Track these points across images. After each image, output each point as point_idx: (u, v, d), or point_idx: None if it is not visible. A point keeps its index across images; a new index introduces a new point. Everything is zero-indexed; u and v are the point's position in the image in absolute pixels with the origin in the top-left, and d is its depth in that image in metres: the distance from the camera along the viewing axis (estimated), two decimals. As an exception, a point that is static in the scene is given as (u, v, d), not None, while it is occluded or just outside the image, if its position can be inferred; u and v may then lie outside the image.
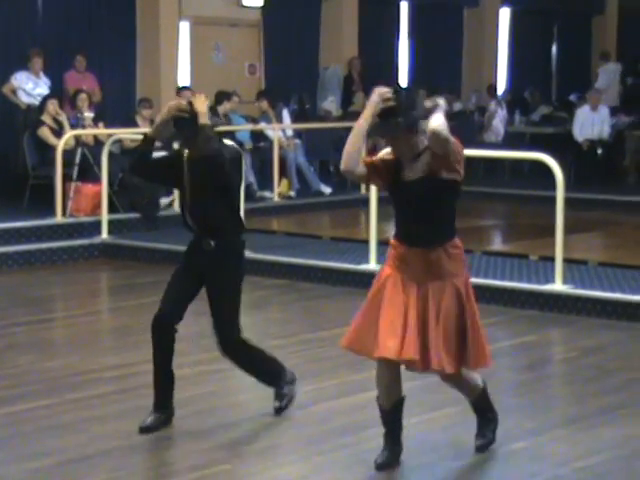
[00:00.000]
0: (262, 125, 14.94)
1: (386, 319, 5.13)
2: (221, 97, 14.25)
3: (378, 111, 5.02)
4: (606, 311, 8.58)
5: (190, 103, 5.79)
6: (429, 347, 5.10)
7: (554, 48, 21.95)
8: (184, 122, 5.74)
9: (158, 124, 5.81)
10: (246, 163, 12.90)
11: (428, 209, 5.15)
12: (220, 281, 5.95)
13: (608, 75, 19.57)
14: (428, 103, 5.05)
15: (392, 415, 5.35)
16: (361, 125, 5.05)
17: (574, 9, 21.81)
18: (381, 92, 5.03)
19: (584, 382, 6.86)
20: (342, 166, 5.15)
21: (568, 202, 9.07)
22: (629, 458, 5.43)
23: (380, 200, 10.19)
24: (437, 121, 4.92)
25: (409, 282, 5.17)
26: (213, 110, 13.94)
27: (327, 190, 14.83)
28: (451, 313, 5.11)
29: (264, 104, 15.10)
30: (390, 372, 5.28)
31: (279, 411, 6.12)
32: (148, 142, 5.85)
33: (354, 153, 5.10)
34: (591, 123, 16.25)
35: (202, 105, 5.76)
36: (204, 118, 5.70)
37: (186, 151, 5.84)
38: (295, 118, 15.94)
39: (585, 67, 22.04)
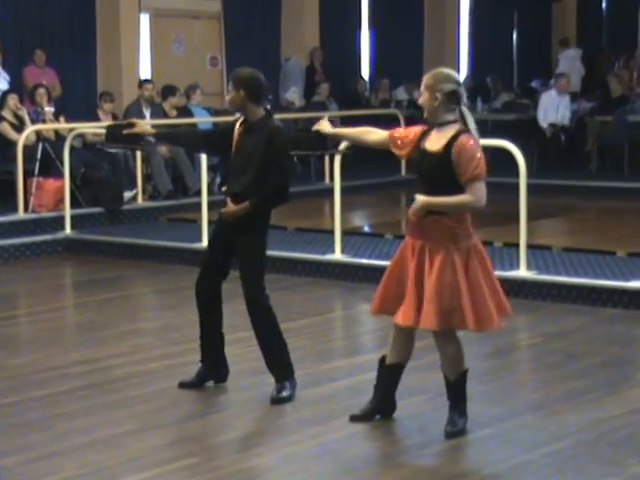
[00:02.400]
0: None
1: (393, 283, 5.56)
2: (166, 92, 14.15)
3: None
4: (571, 296, 8.63)
5: None
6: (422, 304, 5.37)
7: (514, 35, 22.02)
8: None
9: None
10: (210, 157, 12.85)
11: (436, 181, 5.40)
12: (251, 242, 6.17)
13: (568, 61, 19.67)
14: None
15: (387, 372, 5.63)
16: None
17: (534, -4, 21.92)
18: None
19: (549, 368, 6.90)
20: None
21: (531, 188, 9.10)
22: (595, 442, 5.47)
23: (344, 190, 10.21)
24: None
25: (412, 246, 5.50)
26: (159, 106, 13.91)
27: None
28: (446, 273, 5.32)
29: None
30: (399, 334, 5.63)
31: (274, 401, 6.16)
32: None
33: None
34: (555, 108, 16.31)
35: None
36: None
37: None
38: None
39: (546, 53, 22.13)
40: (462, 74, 20.66)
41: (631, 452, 5.30)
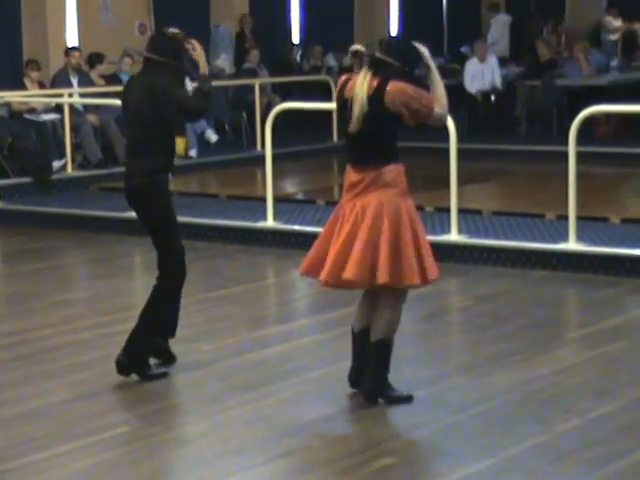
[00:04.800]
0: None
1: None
2: (93, 60, 13.99)
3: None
4: (501, 259, 8.73)
5: None
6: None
7: (444, 0, 22.08)
8: None
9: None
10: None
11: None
12: None
13: (499, 26, 19.77)
14: None
15: (357, 339, 5.60)
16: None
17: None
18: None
19: (479, 330, 6.98)
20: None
21: (461, 153, 9.16)
22: (522, 401, 5.56)
23: (276, 157, 10.19)
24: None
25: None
26: (86, 74, 13.76)
27: (213, 137, 14.67)
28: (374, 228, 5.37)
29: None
30: (363, 299, 5.65)
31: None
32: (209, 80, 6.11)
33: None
34: (481, 74, 16.41)
35: None
36: None
37: None
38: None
39: (475, 18, 22.22)
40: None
41: (558, 410, 5.39)
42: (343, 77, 5.59)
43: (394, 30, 21.03)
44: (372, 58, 5.47)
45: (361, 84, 5.38)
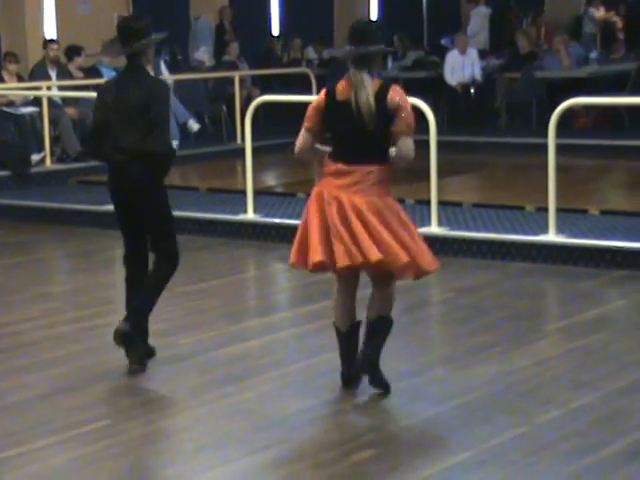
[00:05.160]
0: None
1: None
2: (71, 52, 13.93)
3: None
4: (481, 251, 8.74)
5: None
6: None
7: (425, -8, 22.12)
8: None
9: None
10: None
11: None
12: None
13: (479, 19, 19.79)
14: None
15: (347, 338, 5.60)
16: None
17: (443, -47, 21.97)
18: None
19: (460, 322, 6.99)
20: None
21: (442, 145, 9.17)
22: (502, 393, 5.57)
23: (256, 150, 10.17)
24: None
25: None
26: (64, 67, 13.70)
27: (195, 126, 14.63)
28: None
29: (146, 54, 14.85)
30: (342, 293, 5.58)
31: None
32: None
33: None
34: (461, 66, 16.42)
35: None
36: None
37: None
38: (167, 69, 15.75)
39: (455, 11, 22.24)
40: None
41: (538, 402, 5.40)
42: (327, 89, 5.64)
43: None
44: (359, 56, 5.49)
45: (362, 85, 5.44)
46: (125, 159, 6.01)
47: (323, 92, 5.65)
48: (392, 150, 5.48)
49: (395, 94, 5.45)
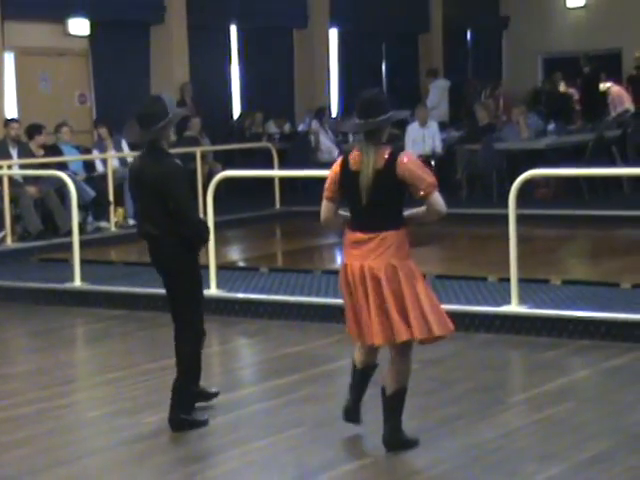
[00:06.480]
0: (95, 154, 14.75)
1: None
2: (32, 131, 13.93)
3: None
4: (444, 323, 8.72)
5: None
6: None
7: (383, 66, 22.36)
8: None
9: None
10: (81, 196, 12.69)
11: None
12: None
13: (439, 91, 20.04)
14: None
15: (360, 375, 5.86)
16: None
17: (400, 28, 22.28)
18: None
19: (425, 394, 6.95)
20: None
21: (402, 218, 9.18)
22: (470, 466, 5.53)
23: (218, 224, 10.16)
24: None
25: None
26: (25, 145, 13.69)
27: None
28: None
29: (104, 131, 14.92)
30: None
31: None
32: None
33: None
34: (422, 138, 16.58)
35: None
36: None
37: None
38: (129, 146, 15.78)
39: (414, 84, 22.51)
40: (334, 106, 20.91)
41: (504, 475, 5.37)
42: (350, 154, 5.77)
43: (334, 97, 21.21)
44: (367, 132, 5.63)
45: (367, 158, 5.59)
46: (152, 238, 6.30)
47: (338, 162, 5.80)
48: (420, 209, 5.72)
49: (404, 163, 5.57)
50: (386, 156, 5.59)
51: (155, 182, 6.16)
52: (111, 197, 13.87)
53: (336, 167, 5.80)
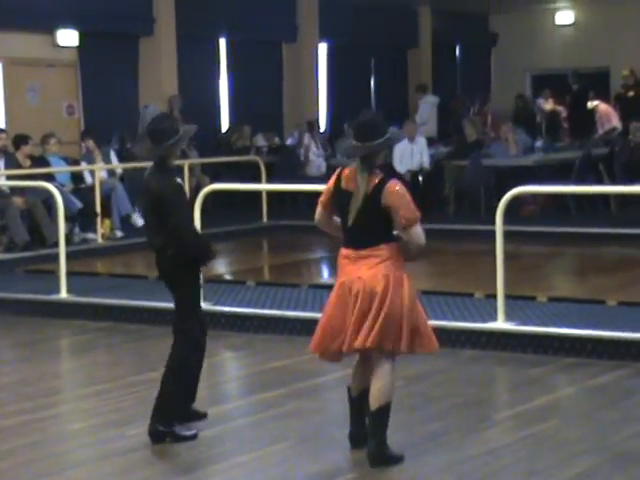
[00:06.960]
0: (84, 166, 14.72)
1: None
2: (18, 141, 13.90)
3: None
4: (430, 338, 8.71)
5: None
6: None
7: (372, 81, 22.41)
8: None
9: None
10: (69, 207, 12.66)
11: None
12: None
13: (427, 107, 20.08)
14: None
15: (357, 402, 5.86)
16: None
17: (390, 43, 22.35)
18: None
19: (410, 410, 6.94)
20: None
21: (389, 233, 9.18)
22: (455, 483, 5.53)
23: (205, 238, 10.13)
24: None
25: None
26: (12, 155, 13.67)
27: (139, 222, 14.43)
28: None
29: (90, 143, 14.91)
30: (360, 366, 5.91)
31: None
32: None
33: None
34: (410, 154, 16.60)
35: None
36: None
37: None
38: (118, 158, 15.76)
39: (403, 99, 22.56)
40: (323, 119, 20.94)
41: (490, 492, 5.36)
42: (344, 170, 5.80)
43: (322, 112, 21.23)
44: (362, 158, 5.67)
45: (360, 182, 5.64)
46: (156, 250, 6.46)
47: (335, 176, 5.85)
48: (397, 232, 5.72)
49: (390, 191, 5.62)
50: (376, 181, 5.63)
51: (155, 199, 6.27)
52: (98, 209, 13.83)
53: (332, 180, 5.86)
